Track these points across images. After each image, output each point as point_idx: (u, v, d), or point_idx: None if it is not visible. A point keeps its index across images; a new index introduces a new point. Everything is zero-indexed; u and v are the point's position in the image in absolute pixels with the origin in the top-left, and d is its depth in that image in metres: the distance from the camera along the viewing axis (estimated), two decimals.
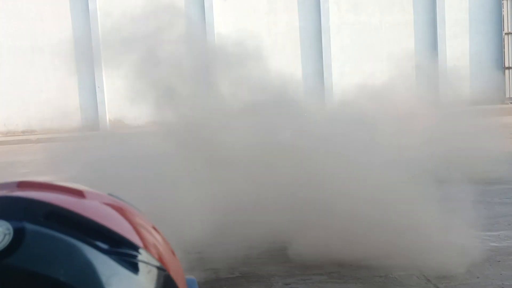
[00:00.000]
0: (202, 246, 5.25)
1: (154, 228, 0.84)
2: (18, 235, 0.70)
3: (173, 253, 0.83)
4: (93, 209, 0.78)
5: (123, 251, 0.74)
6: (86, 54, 15.78)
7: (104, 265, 0.72)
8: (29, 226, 0.72)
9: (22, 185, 0.79)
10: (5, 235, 0.71)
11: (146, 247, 0.78)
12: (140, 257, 0.76)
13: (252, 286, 4.47)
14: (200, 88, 7.68)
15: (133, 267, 0.74)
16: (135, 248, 0.76)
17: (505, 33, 17.30)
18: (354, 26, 17.45)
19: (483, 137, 9.17)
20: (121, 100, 12.44)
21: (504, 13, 17.25)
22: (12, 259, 0.69)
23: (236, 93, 7.75)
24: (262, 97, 7.69)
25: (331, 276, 4.47)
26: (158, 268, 0.77)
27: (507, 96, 17.37)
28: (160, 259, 0.79)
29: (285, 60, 17.35)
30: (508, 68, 17.36)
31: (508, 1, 17.30)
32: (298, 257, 4.68)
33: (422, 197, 5.40)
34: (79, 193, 0.79)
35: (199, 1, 17.18)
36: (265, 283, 4.48)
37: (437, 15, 17.18)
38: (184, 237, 5.37)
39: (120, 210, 0.81)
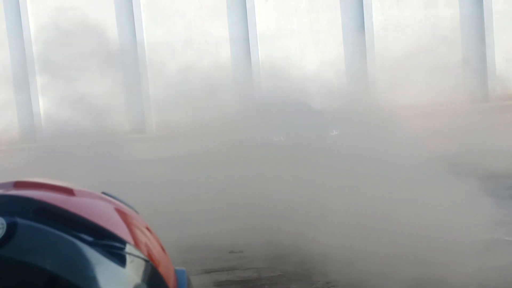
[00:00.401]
0: (244, 245, 5.30)
1: (147, 228, 0.91)
2: (11, 229, 0.78)
3: (163, 250, 0.88)
4: (80, 205, 0.84)
5: (107, 243, 0.81)
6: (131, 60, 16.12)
7: (88, 255, 0.79)
8: (20, 221, 0.79)
9: (18, 184, 0.87)
10: None
11: (134, 241, 0.84)
12: (124, 250, 0.82)
13: (293, 285, 4.47)
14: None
15: (117, 258, 0.81)
16: (120, 241, 0.82)
17: None
18: (399, 21, 17.21)
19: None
20: (167, 104, 12.60)
21: None
22: (5, 250, 0.77)
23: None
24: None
25: (373, 275, 4.43)
26: (144, 260, 0.84)
27: None
28: (148, 254, 0.85)
29: (328, 58, 17.27)
30: None
31: None
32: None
33: (466, 194, 5.32)
34: (68, 191, 0.86)
35: (241, 2, 17.28)
36: (306, 282, 4.48)
37: (483, 7, 16.78)
38: (226, 237, 5.44)
39: (109, 207, 0.88)
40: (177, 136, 9.75)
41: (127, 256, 0.81)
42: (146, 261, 0.82)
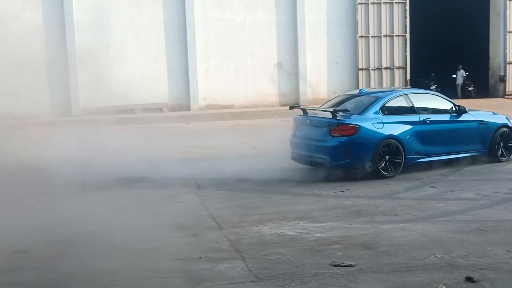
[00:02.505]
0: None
1: None
2: None
3: None
4: None
5: None
6: None
7: None
8: None
9: None
10: None
11: None
12: None
13: (74, 284, 4.36)
14: None
15: None
16: None
17: (359, 36, 18.17)
18: (219, 22, 17.56)
19: None
20: None
21: (358, 17, 18.10)
22: None
23: None
24: None
25: None
26: None
27: None
28: None
29: (149, 53, 17.12)
30: (361, 69, 18.27)
31: (362, 6, 18.18)
32: None
33: None
34: None
35: None
36: (88, 282, 4.39)
37: (297, 16, 17.69)
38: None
39: None
40: None
41: None
42: None
